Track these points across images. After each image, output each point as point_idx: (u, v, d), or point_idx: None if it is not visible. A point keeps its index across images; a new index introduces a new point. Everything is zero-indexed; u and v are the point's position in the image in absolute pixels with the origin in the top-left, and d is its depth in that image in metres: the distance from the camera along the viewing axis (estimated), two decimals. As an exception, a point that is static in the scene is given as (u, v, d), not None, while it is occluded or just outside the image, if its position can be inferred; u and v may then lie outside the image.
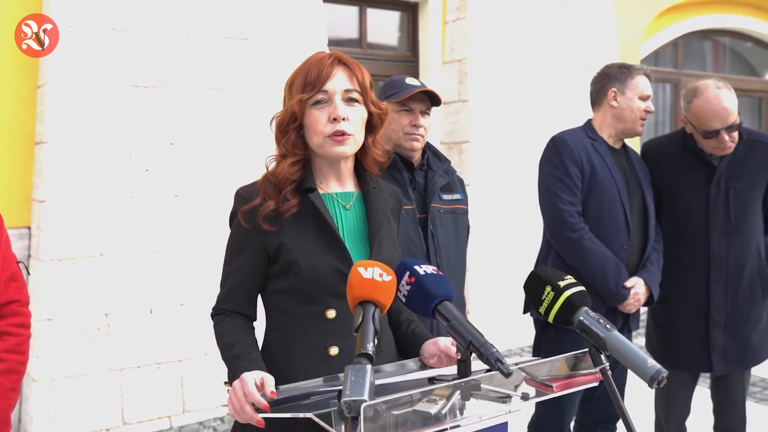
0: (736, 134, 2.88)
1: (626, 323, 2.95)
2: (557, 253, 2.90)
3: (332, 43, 5.29)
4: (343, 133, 1.65)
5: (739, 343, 2.96)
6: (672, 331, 3.04)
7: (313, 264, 1.64)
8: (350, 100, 1.67)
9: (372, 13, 5.92)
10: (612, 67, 3.00)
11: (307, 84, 1.65)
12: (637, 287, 2.84)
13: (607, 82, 2.95)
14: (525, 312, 3.10)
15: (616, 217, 2.84)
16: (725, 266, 2.91)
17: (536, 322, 3.03)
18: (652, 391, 3.19)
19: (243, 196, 1.71)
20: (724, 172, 2.91)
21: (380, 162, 1.80)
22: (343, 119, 1.65)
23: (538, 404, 3.07)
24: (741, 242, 2.92)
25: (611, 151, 2.94)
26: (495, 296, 5.69)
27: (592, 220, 2.83)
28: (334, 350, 1.66)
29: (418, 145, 2.47)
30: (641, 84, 2.91)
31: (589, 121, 3.03)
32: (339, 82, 1.66)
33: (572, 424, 3.12)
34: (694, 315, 2.96)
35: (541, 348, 2.97)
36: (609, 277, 2.78)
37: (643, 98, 2.91)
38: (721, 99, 2.82)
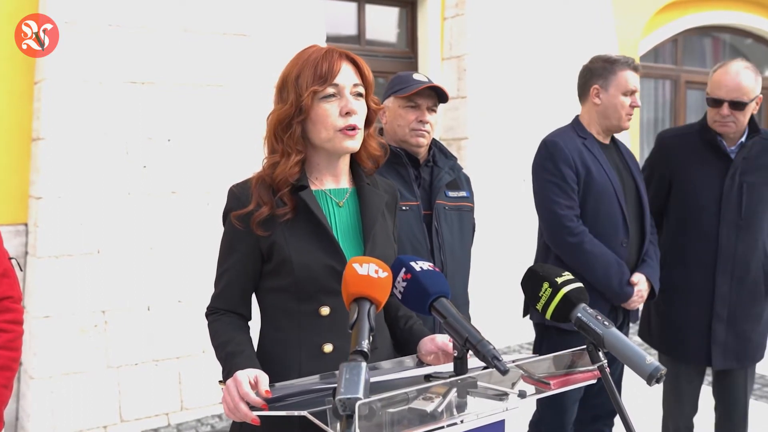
0: (741, 117, 2.88)
1: (626, 318, 2.95)
2: (556, 257, 2.88)
3: (331, 39, 5.27)
4: (354, 128, 1.65)
5: (739, 340, 2.96)
6: (674, 321, 3.04)
7: (306, 262, 1.63)
8: (357, 95, 1.67)
9: (371, 10, 5.90)
10: (596, 61, 2.96)
11: (318, 77, 1.62)
12: (640, 284, 2.85)
13: (590, 78, 2.93)
14: (525, 315, 3.09)
15: (614, 215, 2.83)
16: (732, 259, 2.92)
17: (536, 326, 3.01)
18: (651, 388, 3.18)
19: (236, 194, 1.69)
20: (739, 166, 2.92)
21: (375, 156, 1.78)
22: (355, 113, 1.65)
23: (539, 404, 3.06)
24: (749, 237, 2.93)
25: (602, 147, 2.92)
26: (493, 293, 5.68)
27: (590, 220, 2.82)
28: (328, 347, 1.65)
29: (424, 141, 2.44)
30: (625, 79, 2.85)
31: (578, 117, 3.01)
32: (348, 76, 1.66)
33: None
34: (698, 306, 2.97)
35: (542, 351, 2.95)
36: (612, 277, 2.78)
37: (628, 93, 2.86)
38: (740, 74, 2.84)
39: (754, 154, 2.94)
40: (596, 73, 2.91)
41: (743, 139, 2.96)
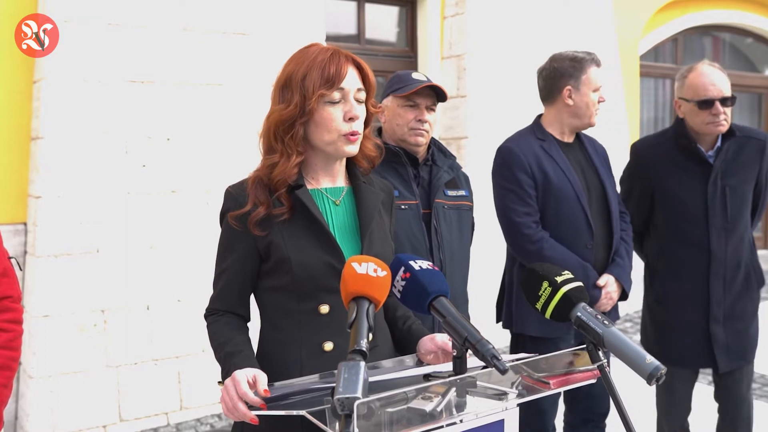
0: (729, 112, 2.88)
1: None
2: (521, 265, 2.86)
3: (330, 38, 5.27)
4: (356, 133, 1.65)
5: (740, 338, 2.96)
6: (671, 329, 3.02)
7: (304, 260, 1.62)
8: (359, 99, 1.67)
9: (370, 9, 5.90)
10: (562, 60, 2.89)
11: (325, 80, 1.62)
12: (609, 285, 2.79)
13: (559, 78, 2.86)
14: (498, 321, 3.07)
15: (576, 218, 2.78)
16: (724, 263, 2.91)
17: (512, 335, 2.99)
18: (644, 389, 3.17)
19: (233, 194, 1.69)
20: (719, 170, 2.91)
21: (371, 156, 1.78)
22: (358, 119, 1.65)
23: (521, 406, 3.02)
24: (737, 238, 2.93)
25: (564, 147, 2.87)
26: (492, 292, 5.67)
27: (552, 225, 2.78)
28: (328, 345, 1.64)
29: (423, 140, 2.44)
30: (593, 76, 2.82)
31: (539, 118, 2.96)
32: (353, 80, 1.66)
33: (562, 423, 3.09)
34: (694, 312, 2.95)
35: None
36: None
37: (597, 90, 2.82)
38: (717, 73, 2.88)
39: (732, 156, 2.92)
40: (566, 74, 2.84)
41: (719, 143, 2.94)
